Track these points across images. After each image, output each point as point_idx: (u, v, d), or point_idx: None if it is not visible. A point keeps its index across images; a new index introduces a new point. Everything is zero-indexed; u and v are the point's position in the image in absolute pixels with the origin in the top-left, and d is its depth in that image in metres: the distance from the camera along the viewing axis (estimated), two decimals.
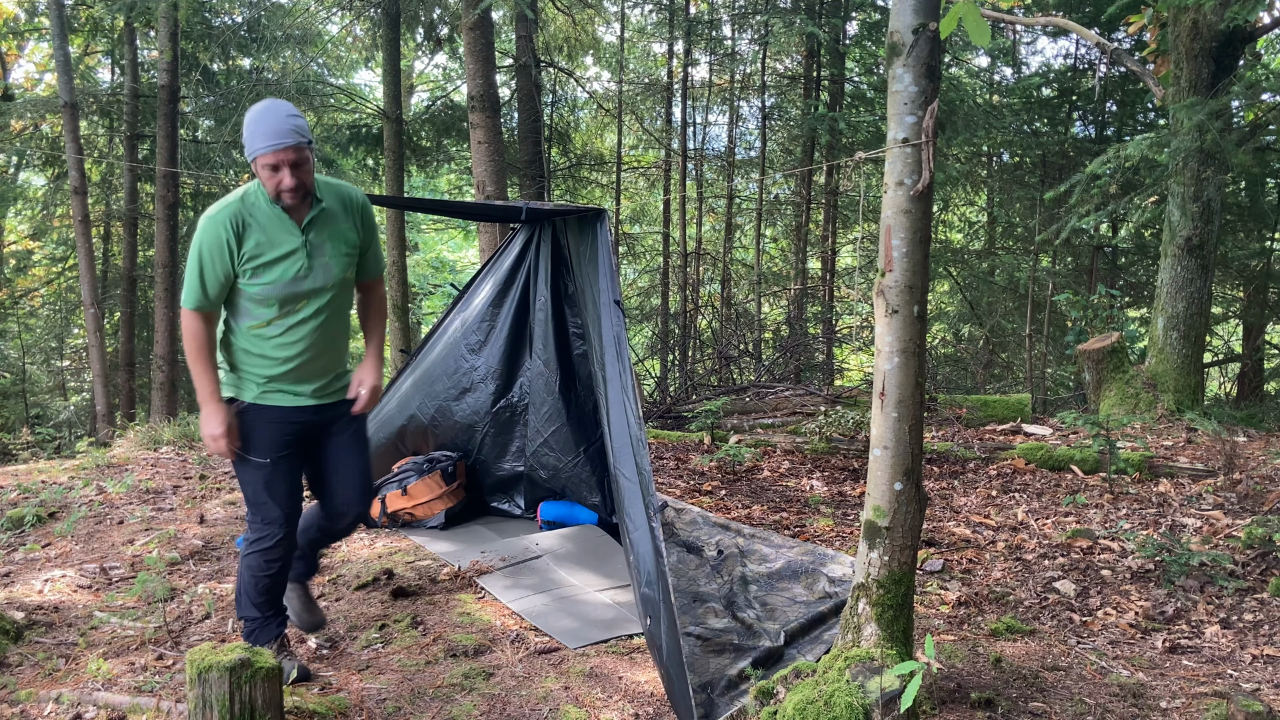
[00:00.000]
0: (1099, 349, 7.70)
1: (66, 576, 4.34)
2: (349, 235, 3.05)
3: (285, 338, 3.00)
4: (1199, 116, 6.08)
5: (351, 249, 3.06)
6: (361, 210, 3.10)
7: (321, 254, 2.97)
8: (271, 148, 2.78)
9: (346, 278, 3.07)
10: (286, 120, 2.81)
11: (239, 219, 2.87)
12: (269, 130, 2.79)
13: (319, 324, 3.03)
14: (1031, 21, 3.56)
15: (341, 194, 3.06)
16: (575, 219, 4.56)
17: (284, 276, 2.92)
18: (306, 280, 2.96)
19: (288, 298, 2.95)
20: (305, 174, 2.85)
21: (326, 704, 3.00)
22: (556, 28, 13.08)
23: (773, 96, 13.94)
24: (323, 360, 3.09)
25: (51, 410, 13.69)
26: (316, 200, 2.96)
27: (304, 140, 2.84)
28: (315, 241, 2.96)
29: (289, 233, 2.92)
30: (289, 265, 2.92)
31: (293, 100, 12.52)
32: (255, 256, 2.88)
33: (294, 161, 2.81)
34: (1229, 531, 4.93)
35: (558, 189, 14.30)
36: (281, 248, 2.91)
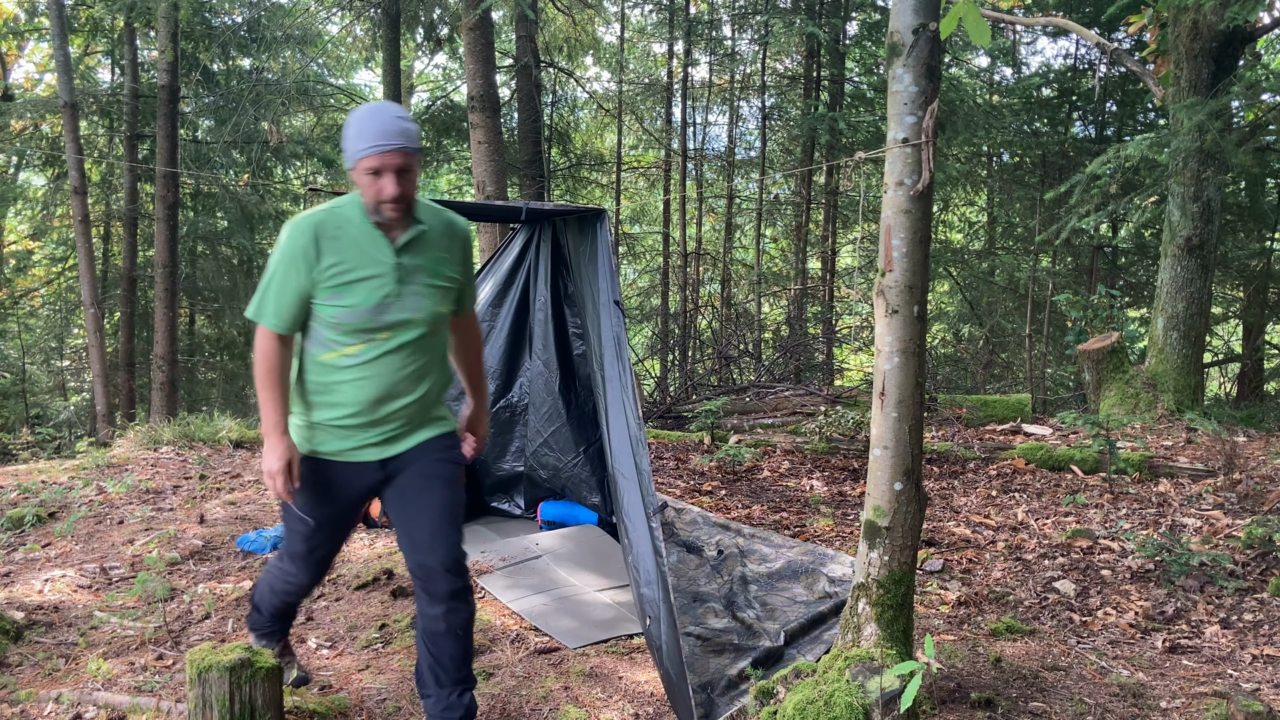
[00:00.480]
0: (1099, 349, 7.70)
1: (66, 576, 4.34)
2: (447, 267, 2.62)
3: (358, 373, 2.54)
4: (1199, 116, 6.08)
5: (449, 282, 2.62)
6: (463, 242, 2.70)
7: (414, 282, 2.54)
8: (376, 149, 2.39)
9: (440, 313, 2.61)
10: (395, 121, 2.43)
11: (324, 229, 2.49)
12: (376, 130, 2.41)
13: (403, 360, 2.56)
14: (1031, 21, 3.56)
15: (445, 220, 2.66)
16: (575, 219, 4.56)
17: (367, 301, 2.48)
18: (392, 309, 2.51)
19: (367, 325, 2.50)
20: (409, 184, 2.46)
21: (326, 704, 3.00)
22: (556, 28, 13.08)
23: (773, 96, 13.94)
24: (403, 403, 2.61)
25: (51, 410, 13.69)
26: (416, 221, 2.55)
27: (412, 146, 2.46)
28: (409, 266, 2.54)
29: (380, 252, 2.51)
30: (375, 289, 2.49)
31: (292, 100, 12.55)
32: (338, 274, 2.48)
33: (399, 168, 2.42)
34: (1229, 531, 4.93)
35: (558, 189, 14.31)
36: (369, 268, 2.49)
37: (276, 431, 2.57)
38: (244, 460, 6.82)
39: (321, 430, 2.62)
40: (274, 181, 14.54)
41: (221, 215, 14.06)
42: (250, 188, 13.49)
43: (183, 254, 13.11)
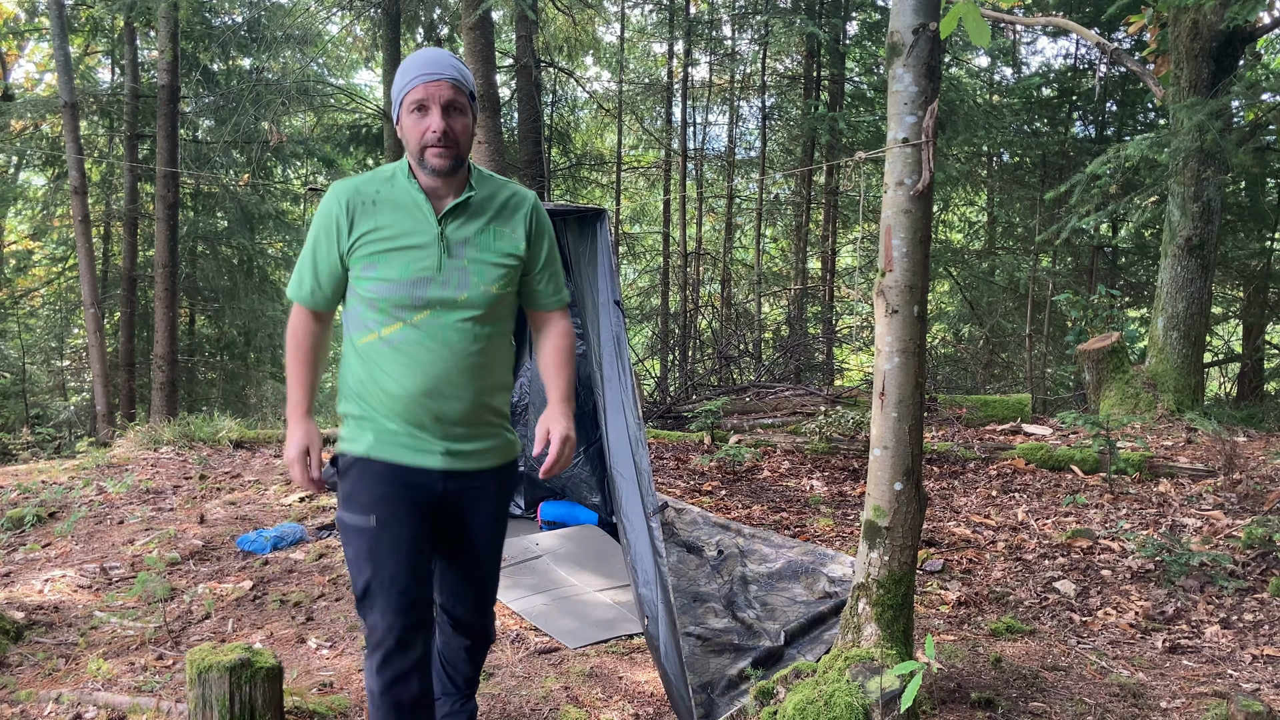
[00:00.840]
0: (1099, 349, 7.70)
1: (66, 576, 4.34)
2: (506, 241, 2.25)
3: (396, 359, 2.19)
4: (1199, 116, 6.08)
5: (506, 259, 2.24)
6: (531, 217, 2.30)
7: (460, 255, 2.19)
8: (423, 78, 2.11)
9: (496, 294, 2.23)
10: (446, 57, 2.17)
11: (360, 193, 2.21)
12: (422, 61, 2.14)
13: (448, 348, 2.18)
14: (1031, 21, 3.56)
15: (506, 190, 2.31)
16: (575, 219, 4.56)
17: (403, 274, 2.16)
18: (432, 284, 2.16)
19: (404, 302, 2.17)
20: (460, 127, 2.14)
21: (326, 704, 3.00)
22: (557, 28, 13.08)
23: (773, 96, 13.94)
24: (455, 402, 2.21)
25: (51, 410, 13.70)
26: (469, 187, 2.22)
27: (464, 82, 2.16)
28: (453, 237, 2.19)
29: (421, 219, 2.19)
30: (412, 259, 2.16)
31: (292, 100, 12.55)
32: (372, 241, 2.18)
33: (448, 101, 2.12)
34: (1229, 531, 4.93)
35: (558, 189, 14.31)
36: (407, 236, 2.17)
37: (296, 413, 2.31)
38: (244, 460, 6.82)
39: (374, 430, 2.25)
40: (274, 181, 14.54)
41: (221, 215, 14.06)
42: (250, 187, 13.49)
43: (183, 254, 13.11)
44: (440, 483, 2.25)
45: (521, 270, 2.29)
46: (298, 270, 2.30)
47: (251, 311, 13.82)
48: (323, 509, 5.51)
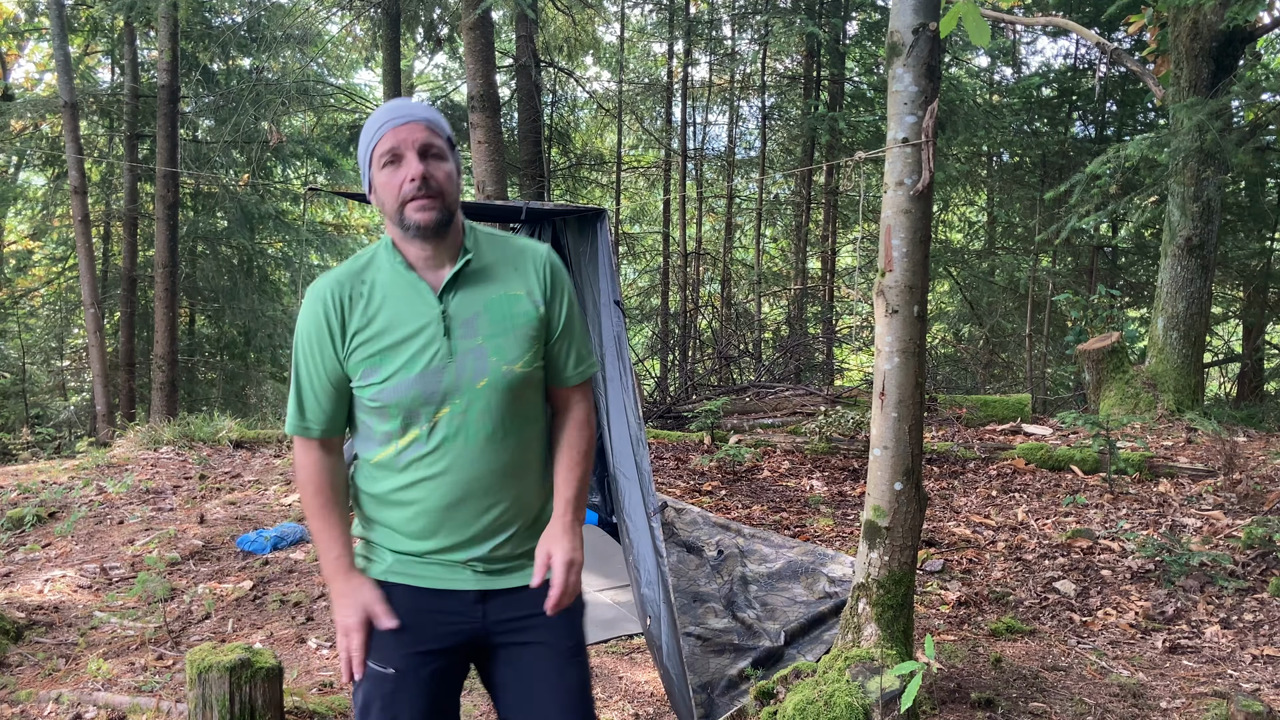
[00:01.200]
0: (1099, 349, 7.70)
1: (66, 576, 4.34)
2: (520, 308, 1.85)
3: (417, 472, 1.81)
4: (1199, 116, 6.08)
5: (525, 329, 1.84)
6: (545, 271, 1.90)
7: (471, 333, 1.81)
8: (391, 124, 1.76)
9: (518, 374, 1.83)
10: (415, 103, 1.83)
11: (342, 286, 1.82)
12: (388, 109, 1.80)
13: (476, 448, 1.81)
14: (1031, 21, 3.56)
15: (512, 248, 1.90)
16: (575, 219, 4.56)
17: (410, 369, 1.77)
18: (445, 374, 1.78)
19: (417, 403, 1.78)
20: (442, 174, 1.76)
21: (326, 704, 2.99)
22: (556, 28, 13.08)
23: (773, 96, 13.95)
24: (490, 509, 1.83)
25: (51, 410, 13.70)
26: (464, 250, 1.83)
27: (437, 123, 1.80)
28: (459, 314, 1.81)
29: (418, 299, 1.80)
30: (418, 351, 1.78)
31: (292, 100, 12.55)
32: (367, 342, 1.79)
33: (424, 145, 1.75)
34: (1229, 531, 4.93)
35: (558, 189, 14.31)
36: (406, 324, 1.79)
37: (341, 571, 1.87)
38: (244, 460, 6.83)
39: (387, 550, 1.89)
40: (274, 181, 14.55)
41: (221, 215, 14.07)
42: (250, 187, 13.50)
43: (183, 254, 13.12)
44: (477, 607, 1.84)
45: (545, 338, 1.88)
46: (291, 401, 1.87)
47: (251, 311, 13.83)
48: None
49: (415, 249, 1.81)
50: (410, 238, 1.79)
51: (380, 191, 1.79)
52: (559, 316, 1.91)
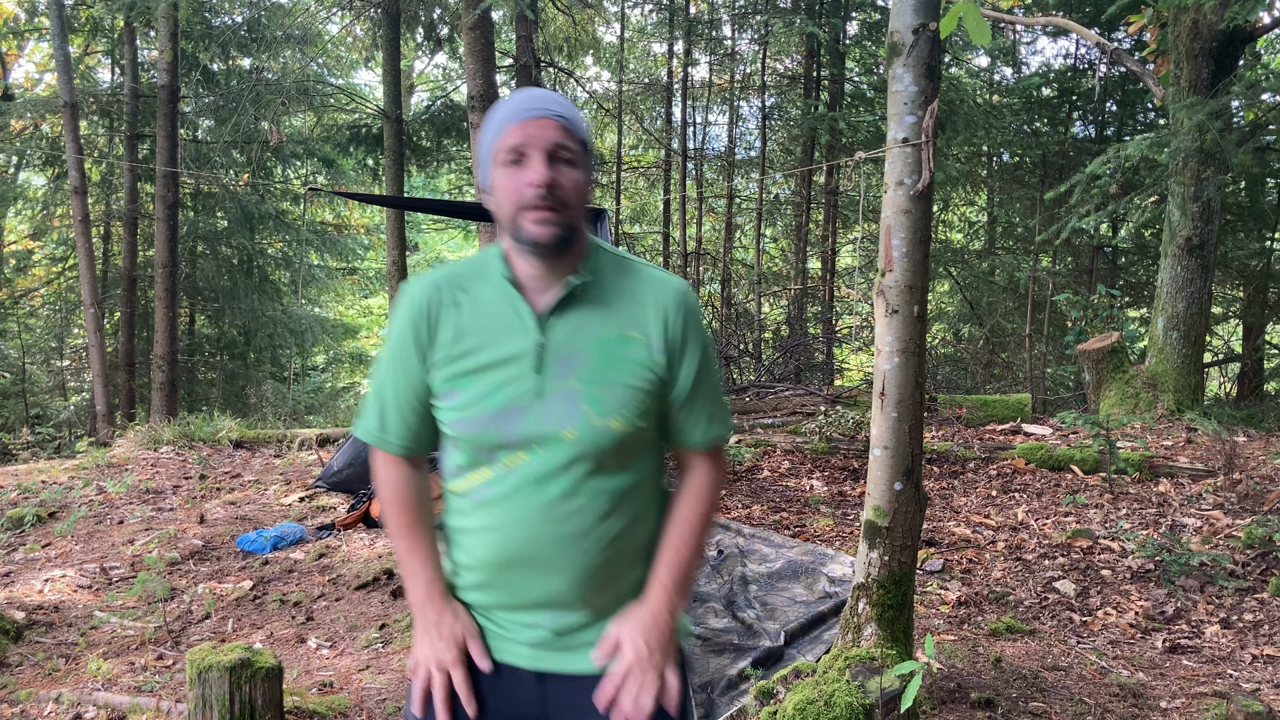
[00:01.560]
0: (1099, 349, 7.70)
1: (66, 576, 4.34)
2: (633, 354, 1.54)
3: (481, 517, 1.56)
4: (1199, 116, 6.08)
5: (633, 381, 1.53)
6: (677, 314, 1.57)
7: (567, 373, 1.52)
8: (522, 116, 1.49)
9: (619, 432, 1.52)
10: (553, 96, 1.55)
11: (440, 291, 1.59)
12: (520, 99, 1.53)
13: (545, 505, 1.52)
14: (1031, 21, 3.56)
15: (640, 279, 1.59)
16: None
17: (490, 401, 1.52)
18: (529, 415, 1.51)
19: (491, 442, 1.52)
20: (570, 182, 1.49)
21: (326, 704, 2.99)
22: (556, 28, 13.08)
23: (773, 96, 13.95)
24: (552, 577, 1.55)
25: (51, 410, 13.70)
26: (579, 274, 1.55)
27: (575, 127, 1.52)
28: (558, 348, 1.53)
29: (516, 322, 1.54)
30: (503, 382, 1.52)
31: (292, 100, 12.55)
32: (453, 359, 1.55)
33: (554, 146, 1.48)
34: (1229, 531, 4.93)
35: None
36: (498, 348, 1.53)
37: (431, 597, 1.61)
38: (244, 460, 6.83)
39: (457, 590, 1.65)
40: (274, 181, 14.55)
41: (221, 215, 14.07)
42: (250, 187, 13.50)
43: (183, 254, 13.12)
44: (534, 689, 1.57)
45: (660, 394, 1.56)
46: (371, 407, 1.65)
47: (251, 311, 13.83)
48: (323, 509, 5.51)
49: (526, 264, 1.54)
50: (523, 251, 1.52)
51: (497, 193, 1.52)
52: (684, 372, 1.57)
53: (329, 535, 4.98)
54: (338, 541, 4.87)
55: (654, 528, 1.63)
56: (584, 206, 1.54)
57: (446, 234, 20.64)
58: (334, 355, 17.83)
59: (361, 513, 5.16)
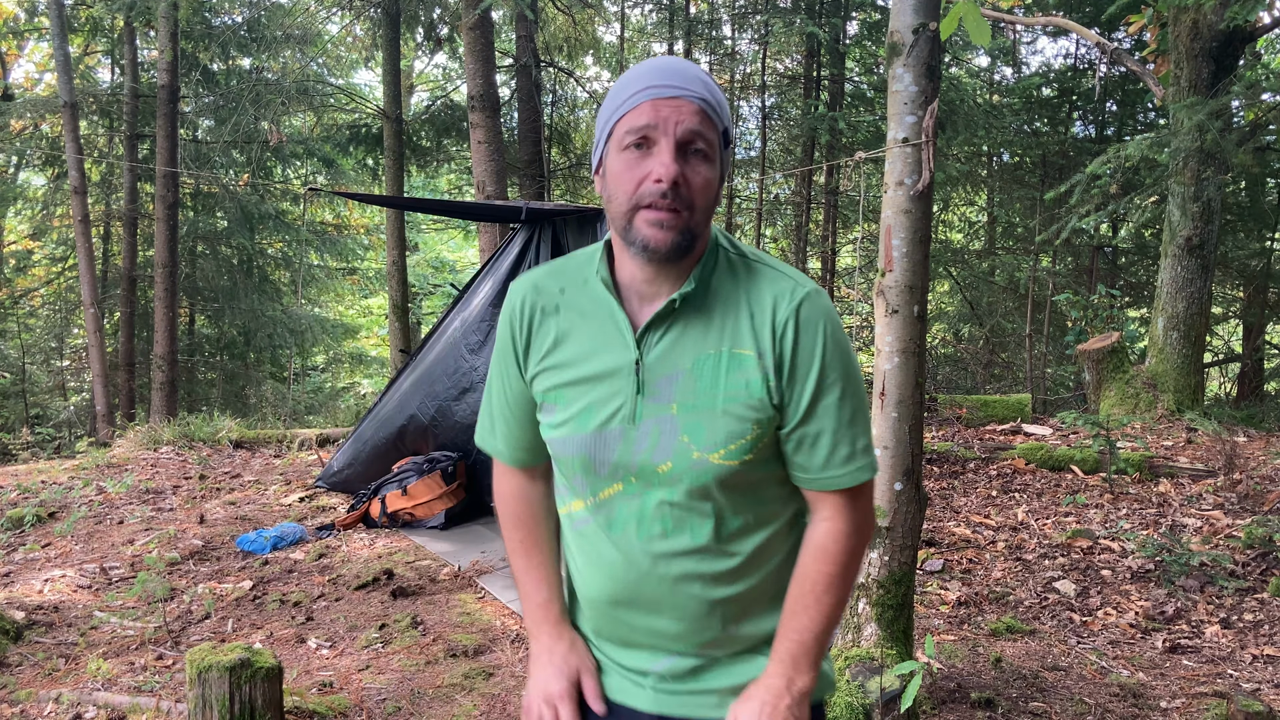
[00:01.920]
0: (1099, 349, 7.70)
1: (66, 576, 4.34)
2: (740, 375, 1.30)
3: (583, 545, 1.42)
4: (1199, 116, 6.08)
5: (739, 406, 1.30)
6: (790, 330, 1.30)
7: (665, 396, 1.31)
8: (652, 92, 1.25)
9: (717, 466, 1.30)
10: (692, 69, 1.29)
11: (541, 292, 1.41)
12: (652, 70, 1.28)
13: (646, 544, 1.35)
14: (1032, 21, 3.56)
15: (757, 284, 1.33)
16: (575, 219, 4.57)
17: (583, 423, 1.35)
18: (622, 442, 1.32)
19: (587, 468, 1.36)
20: (700, 180, 1.26)
21: (326, 704, 2.99)
22: (556, 27, 13.08)
23: (773, 96, 13.95)
24: (662, 618, 1.38)
25: (51, 410, 13.70)
26: (690, 281, 1.32)
27: (716, 112, 1.28)
28: (657, 367, 1.32)
29: (615, 333, 1.34)
30: (599, 401, 1.34)
31: (292, 100, 12.55)
32: (551, 366, 1.39)
33: (689, 134, 1.24)
34: (1229, 531, 4.93)
35: (558, 189, 14.31)
36: (595, 361, 1.35)
37: (546, 621, 1.48)
38: (244, 460, 6.83)
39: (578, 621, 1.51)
40: (274, 181, 14.55)
41: (221, 215, 14.07)
42: (250, 187, 13.50)
43: (182, 254, 13.12)
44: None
45: (775, 424, 1.31)
46: (483, 410, 1.52)
47: (251, 311, 13.83)
48: (323, 509, 5.51)
49: (634, 267, 1.33)
50: (632, 253, 1.30)
51: (611, 180, 1.29)
52: (802, 394, 1.29)
53: (329, 535, 4.98)
54: (338, 541, 4.87)
55: (783, 567, 1.40)
56: (711, 210, 1.31)
57: (446, 234, 20.64)
58: (334, 355, 17.84)
59: (361, 513, 5.16)
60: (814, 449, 1.32)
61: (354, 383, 18.06)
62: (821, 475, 1.33)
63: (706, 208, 1.29)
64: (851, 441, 1.32)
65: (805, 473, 1.34)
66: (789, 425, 1.32)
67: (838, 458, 1.32)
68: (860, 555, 1.38)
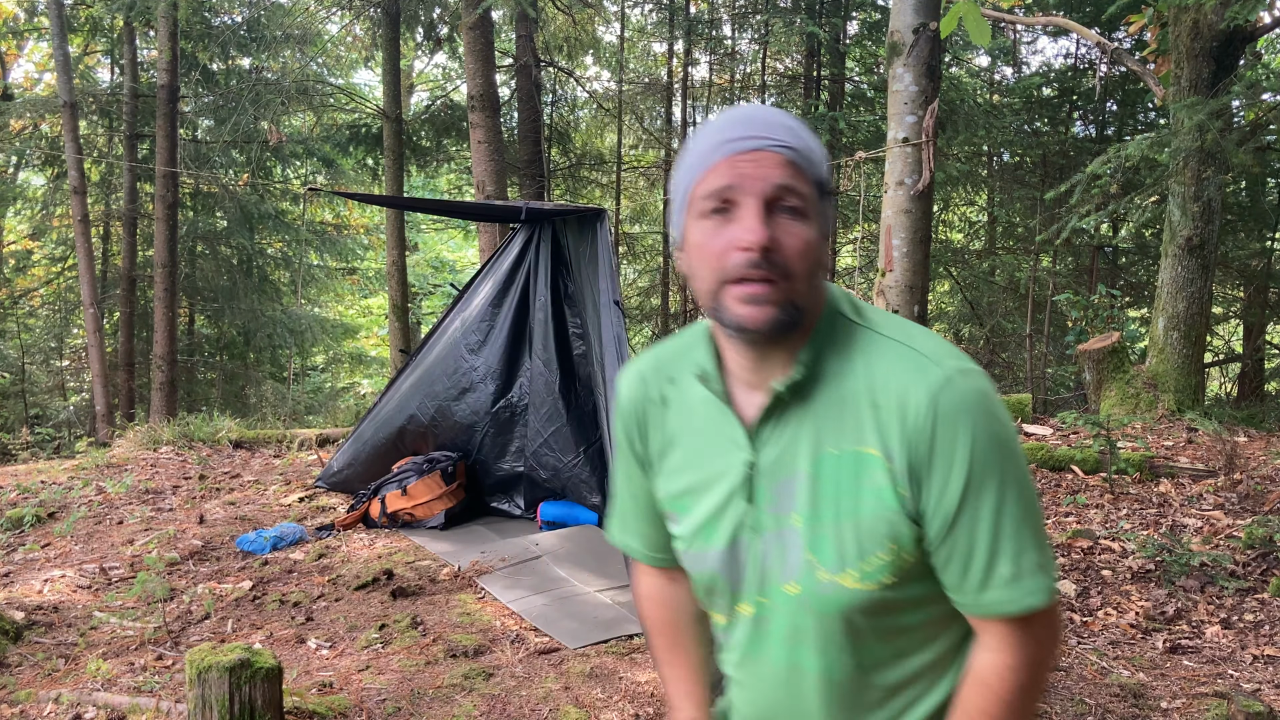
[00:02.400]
0: (1099, 349, 7.69)
1: (66, 576, 4.33)
2: (870, 480, 1.10)
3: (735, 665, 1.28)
4: (1199, 116, 6.08)
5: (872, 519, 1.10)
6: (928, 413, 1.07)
7: (785, 504, 1.14)
8: (730, 147, 1.08)
9: (851, 592, 1.12)
10: (775, 116, 1.13)
11: (648, 383, 1.27)
12: (729, 122, 1.11)
13: (776, 672, 1.21)
14: (1032, 21, 3.56)
15: (882, 362, 1.11)
16: (575, 219, 4.56)
17: (707, 535, 1.21)
18: (746, 558, 1.18)
19: (716, 585, 1.23)
20: (796, 242, 1.07)
21: (326, 704, 2.99)
22: (556, 27, 13.08)
23: (773, 96, 13.95)
24: None
25: (51, 410, 13.70)
26: (798, 365, 1.12)
27: (807, 161, 1.10)
28: (773, 469, 1.14)
29: (725, 435, 1.18)
30: (716, 508, 1.19)
31: (292, 100, 12.55)
32: (666, 470, 1.26)
33: (777, 190, 1.07)
34: (1229, 532, 4.93)
35: (558, 189, 14.30)
36: (706, 462, 1.20)
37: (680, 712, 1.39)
38: (243, 460, 6.82)
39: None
40: (273, 181, 14.54)
41: (221, 215, 14.07)
42: (250, 187, 13.49)
43: (182, 254, 13.12)
44: None
45: (918, 538, 1.11)
46: (614, 500, 1.40)
47: (251, 311, 13.82)
48: (323, 509, 5.51)
49: (734, 352, 1.15)
50: (728, 336, 1.13)
51: (692, 253, 1.11)
52: (944, 505, 1.07)
53: (328, 535, 4.98)
54: (337, 542, 4.87)
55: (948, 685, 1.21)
56: (817, 275, 1.11)
57: (446, 234, 20.64)
58: (333, 355, 17.84)
59: (361, 513, 5.16)
60: (966, 569, 1.09)
61: (354, 383, 18.06)
62: (978, 600, 1.10)
63: (809, 273, 1.09)
64: (1015, 558, 1.08)
65: (959, 595, 1.13)
66: (933, 540, 1.10)
67: (997, 579, 1.08)
68: (1034, 694, 1.14)
